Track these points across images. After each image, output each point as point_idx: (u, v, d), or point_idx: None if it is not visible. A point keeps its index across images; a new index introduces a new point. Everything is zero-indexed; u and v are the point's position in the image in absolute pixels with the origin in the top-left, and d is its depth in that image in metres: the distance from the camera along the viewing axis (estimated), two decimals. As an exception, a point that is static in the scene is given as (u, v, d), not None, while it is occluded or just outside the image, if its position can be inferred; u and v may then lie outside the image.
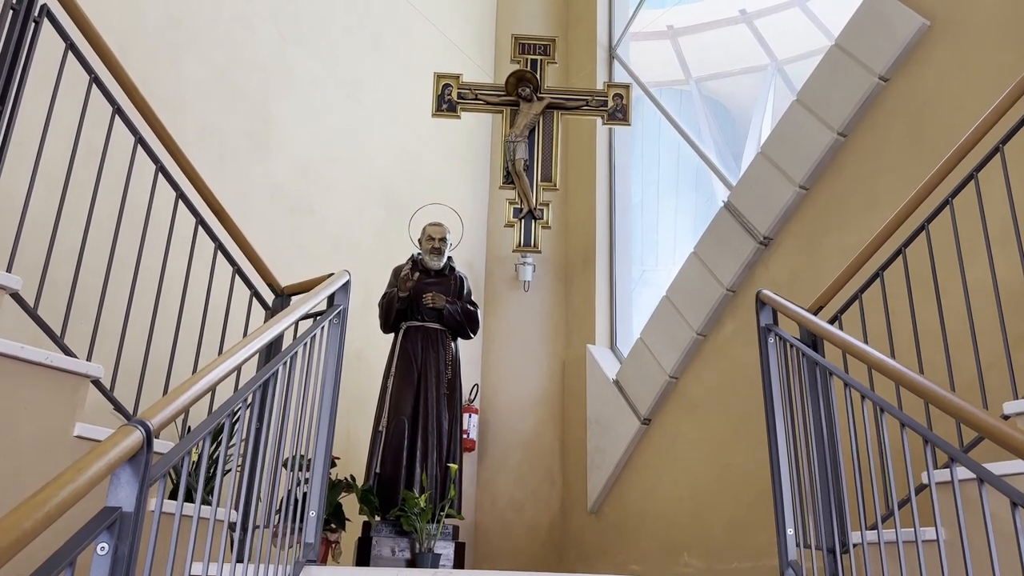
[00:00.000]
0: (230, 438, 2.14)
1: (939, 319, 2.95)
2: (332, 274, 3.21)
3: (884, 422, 2.31)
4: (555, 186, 5.83)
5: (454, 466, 4.40)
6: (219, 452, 3.28)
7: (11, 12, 2.53)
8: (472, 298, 4.89)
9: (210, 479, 3.24)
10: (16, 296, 2.51)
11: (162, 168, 3.05)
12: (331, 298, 3.14)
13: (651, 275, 7.13)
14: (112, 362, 2.84)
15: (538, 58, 5.96)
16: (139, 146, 2.96)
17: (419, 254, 4.83)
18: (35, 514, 1.26)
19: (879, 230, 3.13)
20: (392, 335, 4.77)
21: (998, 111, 2.85)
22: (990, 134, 2.90)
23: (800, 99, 4.57)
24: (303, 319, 2.89)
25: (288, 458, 2.79)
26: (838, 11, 6.98)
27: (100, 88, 2.83)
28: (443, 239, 4.82)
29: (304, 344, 2.69)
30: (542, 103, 5.78)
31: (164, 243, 3.14)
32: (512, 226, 5.76)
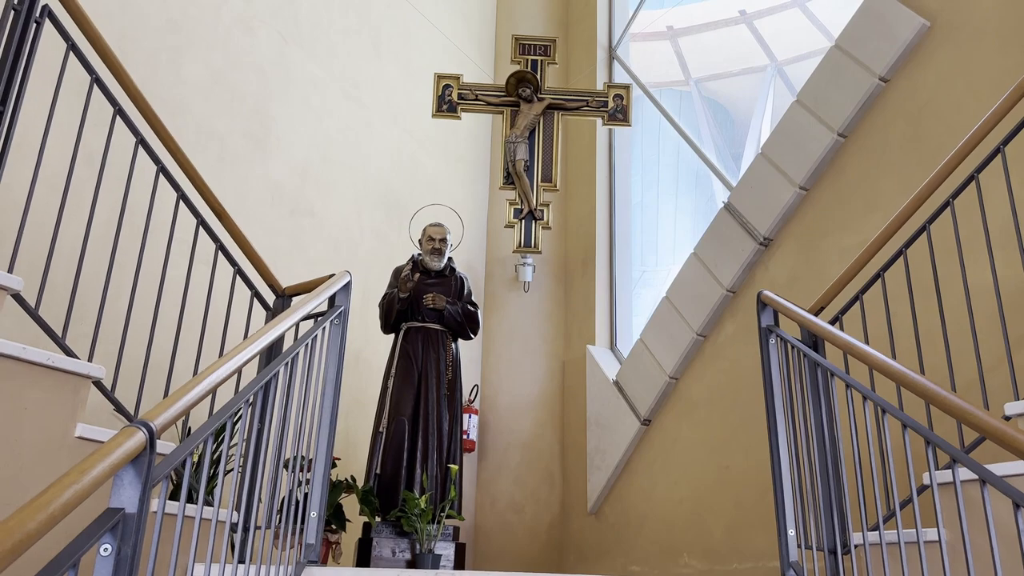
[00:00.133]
0: (231, 439, 2.14)
1: (940, 320, 2.95)
2: (333, 275, 3.21)
3: (886, 423, 2.31)
4: (555, 187, 5.84)
5: (454, 467, 4.40)
6: (220, 453, 3.29)
7: (12, 12, 2.53)
8: (472, 299, 4.89)
9: (213, 476, 3.25)
10: (18, 297, 2.51)
11: (163, 169, 3.04)
12: (332, 299, 3.15)
13: (651, 276, 7.13)
14: (113, 363, 2.83)
15: (538, 59, 5.96)
16: (140, 147, 2.96)
17: (419, 255, 4.83)
18: (39, 515, 1.25)
19: (880, 231, 3.13)
20: (392, 336, 4.78)
21: (999, 112, 2.86)
22: (991, 135, 2.91)
23: (800, 100, 4.58)
24: (304, 320, 2.89)
25: (289, 459, 2.79)
26: (837, 12, 7.00)
27: (101, 89, 2.83)
28: (443, 240, 4.82)
29: (305, 345, 2.69)
30: (542, 104, 5.78)
31: (165, 244, 3.14)
32: (512, 227, 5.76)
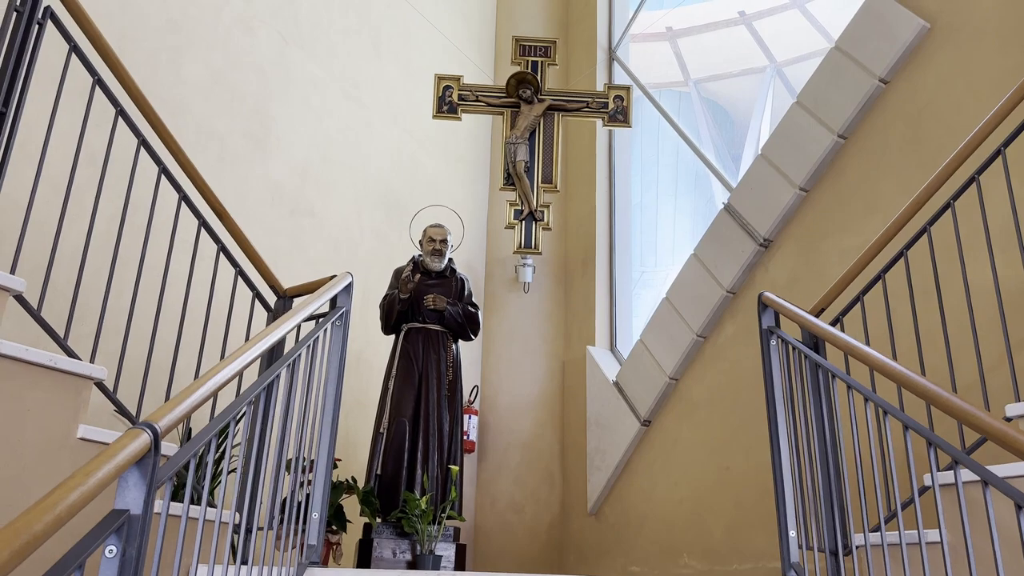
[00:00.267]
0: (234, 441, 2.14)
1: (941, 321, 2.95)
2: (334, 276, 3.21)
3: (887, 424, 2.32)
4: (556, 188, 5.85)
5: (455, 468, 4.40)
6: (222, 455, 3.29)
7: (15, 14, 2.53)
8: (473, 300, 4.89)
9: (216, 476, 3.25)
10: (20, 298, 2.51)
11: (165, 170, 3.04)
12: (333, 300, 3.15)
13: (650, 276, 7.13)
14: (114, 363, 2.83)
15: (539, 60, 5.97)
16: (142, 148, 2.96)
17: (420, 256, 4.83)
18: (45, 517, 1.26)
19: (881, 232, 3.14)
20: (393, 337, 4.78)
21: (1000, 114, 2.86)
22: (992, 137, 2.91)
23: (800, 101, 4.58)
24: (305, 321, 2.89)
25: (290, 460, 2.79)
26: (837, 13, 7.01)
27: (103, 90, 2.83)
28: (444, 241, 4.83)
29: (307, 346, 2.69)
30: (543, 105, 5.78)
31: (166, 245, 3.13)
32: (513, 228, 5.77)
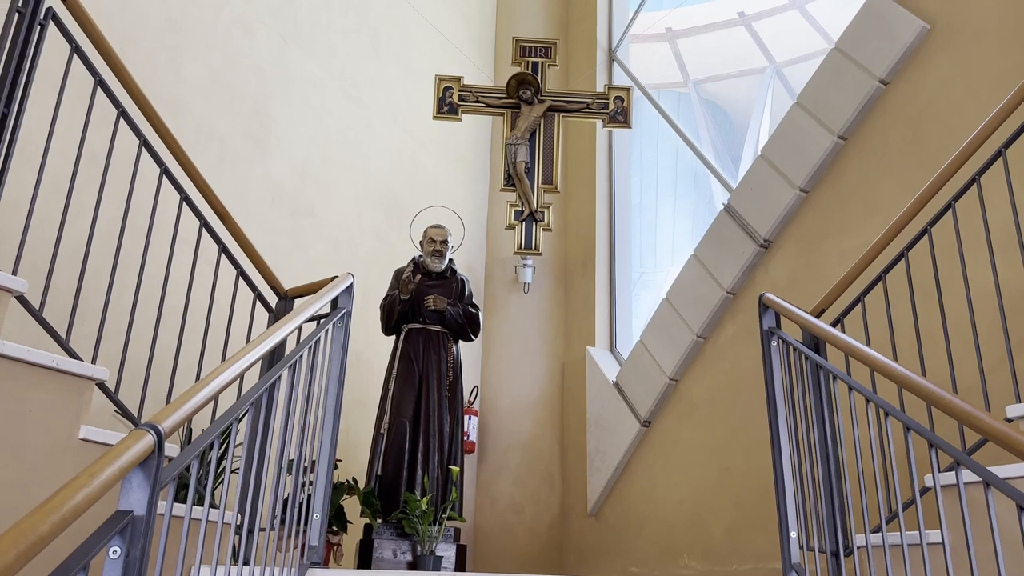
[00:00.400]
0: (235, 442, 2.14)
1: (941, 323, 2.96)
2: (336, 277, 3.21)
3: (888, 425, 2.32)
4: (556, 188, 5.85)
5: (455, 468, 4.41)
6: (224, 456, 3.29)
7: (17, 15, 2.53)
8: (473, 300, 4.90)
9: (219, 475, 3.25)
10: (21, 299, 2.51)
11: (166, 171, 3.04)
12: (335, 301, 3.15)
13: (650, 277, 7.14)
14: (115, 364, 2.83)
15: (539, 60, 5.97)
16: (143, 149, 2.96)
17: (420, 256, 4.83)
18: (51, 518, 1.26)
19: (881, 233, 3.14)
20: (393, 337, 4.78)
21: (1001, 115, 2.87)
22: (992, 138, 2.92)
23: (800, 102, 4.59)
24: (307, 322, 2.89)
25: (292, 460, 2.79)
26: (836, 14, 7.02)
27: (105, 91, 2.83)
28: (444, 241, 4.83)
29: (309, 347, 2.69)
30: (543, 106, 5.79)
31: (168, 246, 3.14)
32: (513, 228, 5.77)
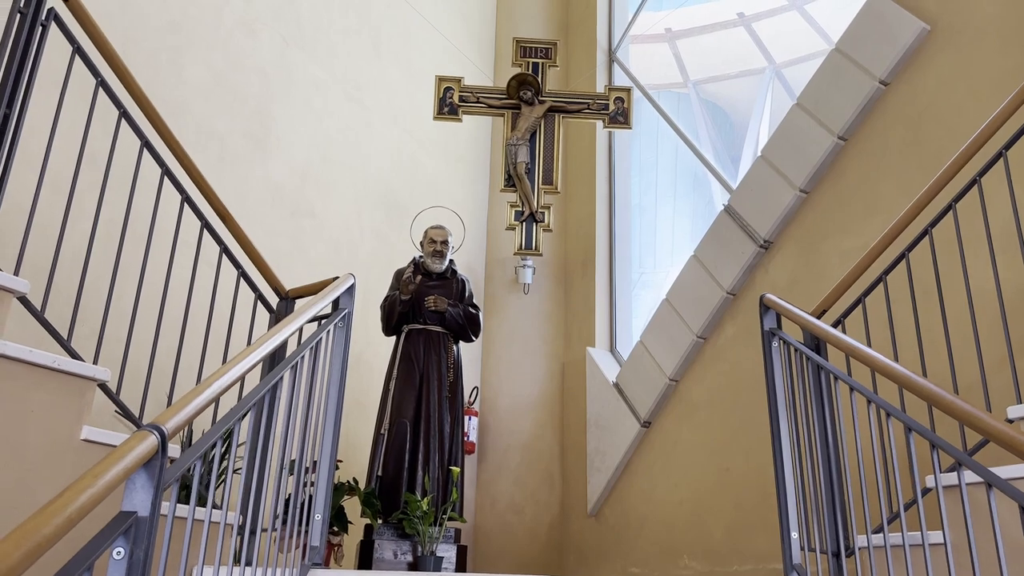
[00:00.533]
0: (237, 443, 2.14)
1: (942, 323, 2.96)
2: (337, 277, 3.21)
3: (890, 425, 2.33)
4: (556, 189, 5.85)
5: (456, 469, 4.40)
6: (226, 456, 3.29)
7: (19, 16, 2.53)
8: (474, 301, 4.90)
9: (222, 474, 3.25)
10: (23, 299, 2.51)
11: (168, 172, 3.04)
12: (336, 302, 3.15)
13: (650, 278, 7.14)
14: (117, 365, 2.83)
15: (539, 61, 5.97)
16: (145, 150, 2.96)
17: (421, 257, 4.83)
18: (55, 519, 1.26)
19: (882, 234, 3.15)
20: (394, 338, 4.78)
21: (1001, 116, 2.87)
22: (993, 139, 2.92)
23: (800, 103, 4.59)
24: (308, 322, 2.89)
25: (293, 461, 2.79)
26: (836, 15, 7.02)
27: (107, 92, 2.83)
28: (445, 242, 4.83)
29: (310, 348, 2.70)
30: (543, 106, 5.79)
31: (169, 246, 3.14)
32: (514, 229, 5.77)
